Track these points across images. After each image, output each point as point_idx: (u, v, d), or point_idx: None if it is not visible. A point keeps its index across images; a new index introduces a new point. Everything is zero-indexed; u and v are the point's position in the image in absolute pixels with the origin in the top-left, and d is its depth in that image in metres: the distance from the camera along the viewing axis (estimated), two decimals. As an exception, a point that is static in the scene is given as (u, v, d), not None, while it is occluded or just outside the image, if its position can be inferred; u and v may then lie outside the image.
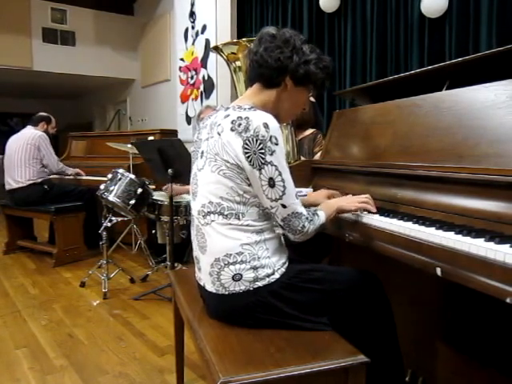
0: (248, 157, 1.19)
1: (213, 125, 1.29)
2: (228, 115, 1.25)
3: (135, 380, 1.98)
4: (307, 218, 1.27)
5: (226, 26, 4.74)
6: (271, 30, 1.35)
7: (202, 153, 1.31)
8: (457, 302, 1.47)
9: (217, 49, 2.49)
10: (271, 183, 1.21)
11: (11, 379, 2.01)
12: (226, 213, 1.24)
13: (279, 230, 1.32)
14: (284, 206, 1.23)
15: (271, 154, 1.19)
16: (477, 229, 1.10)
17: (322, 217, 1.33)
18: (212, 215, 1.27)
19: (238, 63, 2.45)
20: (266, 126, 1.19)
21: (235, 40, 3.00)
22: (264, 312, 1.26)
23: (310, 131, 2.77)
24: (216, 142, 1.24)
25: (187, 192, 3.21)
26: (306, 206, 1.64)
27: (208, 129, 1.32)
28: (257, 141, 1.18)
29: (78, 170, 4.49)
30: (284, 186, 1.22)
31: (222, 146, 1.22)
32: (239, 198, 1.24)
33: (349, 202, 1.44)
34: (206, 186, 1.29)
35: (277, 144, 1.20)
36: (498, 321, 1.32)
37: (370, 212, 1.42)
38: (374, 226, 1.35)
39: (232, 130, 1.21)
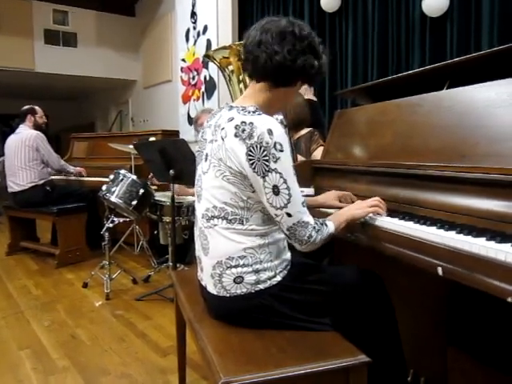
0: (252, 164, 1.17)
1: (217, 126, 1.26)
2: (232, 118, 1.22)
3: (137, 380, 1.99)
4: (314, 228, 1.23)
5: (227, 27, 4.75)
6: (294, 27, 1.24)
7: (207, 155, 1.29)
8: (460, 302, 1.46)
9: (208, 56, 2.48)
10: (275, 191, 1.18)
11: (14, 380, 2.01)
12: (229, 218, 1.23)
13: (282, 234, 1.29)
14: (289, 215, 1.20)
15: (275, 161, 1.16)
16: (478, 228, 1.10)
17: (330, 227, 1.28)
18: (216, 219, 1.26)
19: (231, 67, 2.42)
20: (270, 132, 1.16)
21: (227, 44, 2.97)
22: (265, 314, 1.26)
23: (306, 130, 2.78)
24: (220, 148, 1.22)
25: (191, 194, 3.20)
26: (316, 207, 1.65)
27: (212, 129, 1.29)
28: (261, 148, 1.15)
29: (79, 169, 4.49)
30: (289, 194, 1.19)
31: (226, 152, 1.20)
32: (243, 203, 1.23)
33: (359, 207, 1.38)
34: (209, 190, 1.27)
35: (281, 150, 1.17)
36: (500, 320, 1.32)
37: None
38: (375, 226, 1.34)
39: (236, 135, 1.18)
